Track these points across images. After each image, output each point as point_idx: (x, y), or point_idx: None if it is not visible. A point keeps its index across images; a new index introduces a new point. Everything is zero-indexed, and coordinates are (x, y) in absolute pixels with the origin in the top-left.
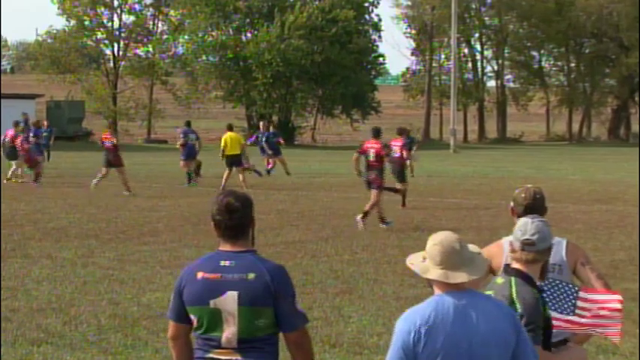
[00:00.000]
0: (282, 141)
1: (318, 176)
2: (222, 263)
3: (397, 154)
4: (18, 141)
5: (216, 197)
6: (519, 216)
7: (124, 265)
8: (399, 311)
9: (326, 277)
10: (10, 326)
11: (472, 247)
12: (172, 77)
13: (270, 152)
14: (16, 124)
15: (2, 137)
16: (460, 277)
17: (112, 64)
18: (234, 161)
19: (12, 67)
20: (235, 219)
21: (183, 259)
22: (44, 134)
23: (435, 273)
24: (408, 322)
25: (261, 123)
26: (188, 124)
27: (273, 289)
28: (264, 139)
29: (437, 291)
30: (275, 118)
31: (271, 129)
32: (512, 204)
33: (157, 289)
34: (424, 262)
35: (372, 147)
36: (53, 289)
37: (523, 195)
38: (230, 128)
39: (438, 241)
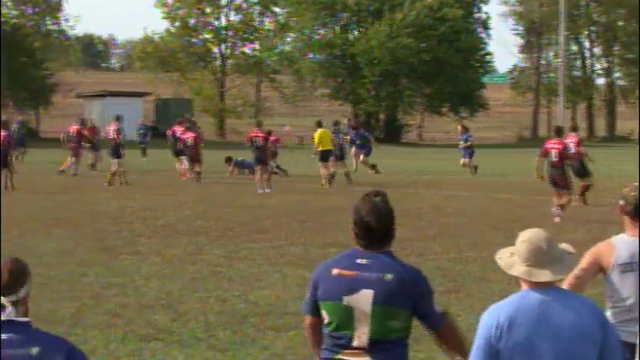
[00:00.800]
0: (364, 147)
1: (425, 174)
2: (359, 261)
3: (573, 150)
4: (188, 136)
5: (355, 208)
6: (629, 214)
7: (232, 262)
8: None
9: (433, 276)
10: (119, 322)
11: (563, 246)
12: (280, 75)
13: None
14: (182, 121)
15: (170, 134)
16: (544, 275)
17: (219, 63)
18: (325, 156)
19: (121, 66)
20: (375, 234)
21: (290, 256)
22: (140, 131)
23: (519, 270)
24: (492, 316)
25: (345, 120)
26: (336, 123)
27: (413, 291)
28: (349, 138)
29: (523, 287)
30: (382, 116)
31: (352, 130)
32: (621, 202)
33: (265, 286)
34: (511, 257)
35: (553, 147)
36: (162, 286)
37: (633, 193)
38: (319, 125)
39: (526, 238)
